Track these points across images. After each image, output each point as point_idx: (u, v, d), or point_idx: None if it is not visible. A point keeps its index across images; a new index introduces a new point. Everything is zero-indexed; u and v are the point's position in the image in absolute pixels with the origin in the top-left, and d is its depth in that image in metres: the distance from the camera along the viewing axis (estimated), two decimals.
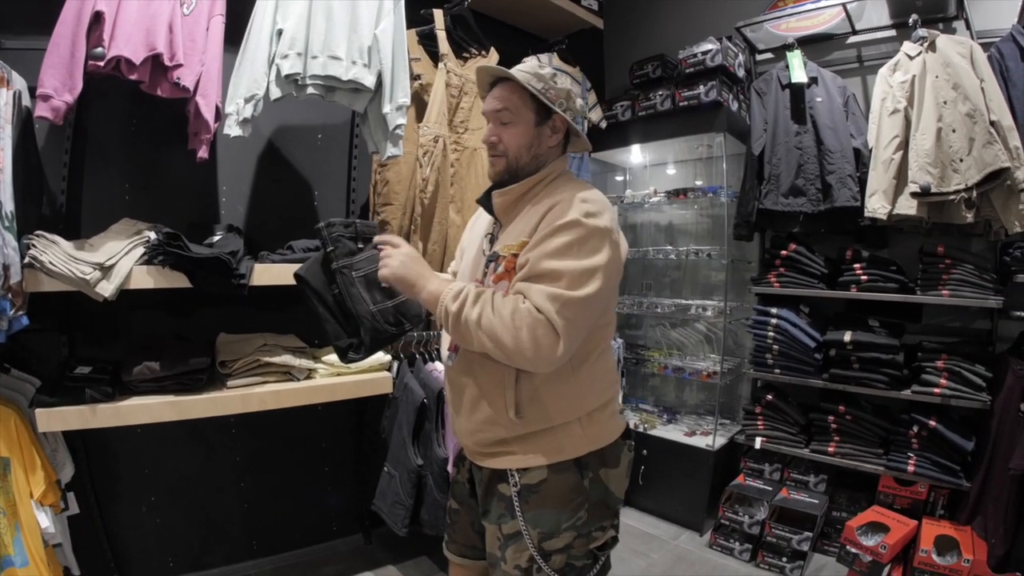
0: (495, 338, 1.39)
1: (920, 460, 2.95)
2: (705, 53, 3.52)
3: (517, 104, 1.60)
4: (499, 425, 1.55)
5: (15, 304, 1.90)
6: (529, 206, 1.58)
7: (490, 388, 1.56)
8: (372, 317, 1.83)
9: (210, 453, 2.92)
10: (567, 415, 1.56)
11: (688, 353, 4.06)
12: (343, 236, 1.90)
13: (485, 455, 1.63)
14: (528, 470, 1.56)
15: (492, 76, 1.66)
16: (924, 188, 2.82)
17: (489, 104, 1.64)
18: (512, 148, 1.61)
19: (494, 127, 1.62)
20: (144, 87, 2.20)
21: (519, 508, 1.56)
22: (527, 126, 1.61)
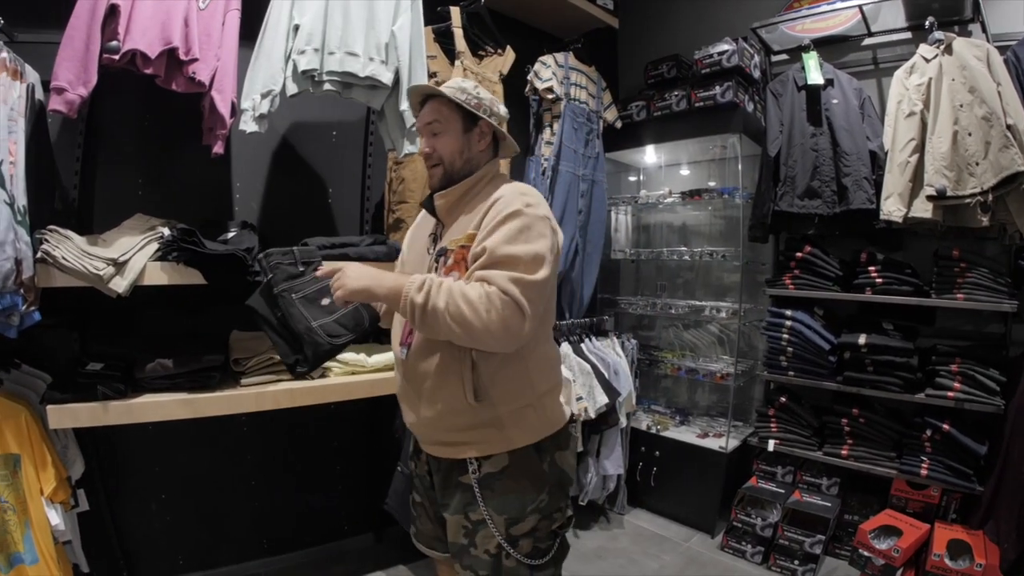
0: (464, 322, 1.43)
1: (933, 464, 2.91)
2: (721, 54, 3.48)
3: (446, 115, 1.73)
4: (459, 412, 1.61)
5: (27, 299, 1.88)
6: (466, 208, 1.71)
7: (448, 376, 1.60)
8: (311, 332, 1.98)
9: (221, 451, 2.90)
10: (521, 399, 1.64)
11: (701, 355, 4.04)
12: (281, 263, 2.03)
13: (444, 445, 1.69)
14: (489, 457, 1.63)
15: (421, 95, 1.79)
16: (940, 191, 2.80)
17: (421, 119, 1.77)
18: (446, 155, 1.72)
19: (427, 139, 1.74)
20: (159, 81, 2.17)
21: (480, 496, 1.62)
22: (456, 134, 1.73)
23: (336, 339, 2.01)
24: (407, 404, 1.75)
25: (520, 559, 1.63)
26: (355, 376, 2.55)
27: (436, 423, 1.66)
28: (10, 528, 2.01)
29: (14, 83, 1.92)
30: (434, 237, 1.77)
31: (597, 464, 3.51)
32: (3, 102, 1.85)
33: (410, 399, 1.72)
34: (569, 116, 3.48)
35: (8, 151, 1.84)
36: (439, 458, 1.72)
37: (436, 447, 1.72)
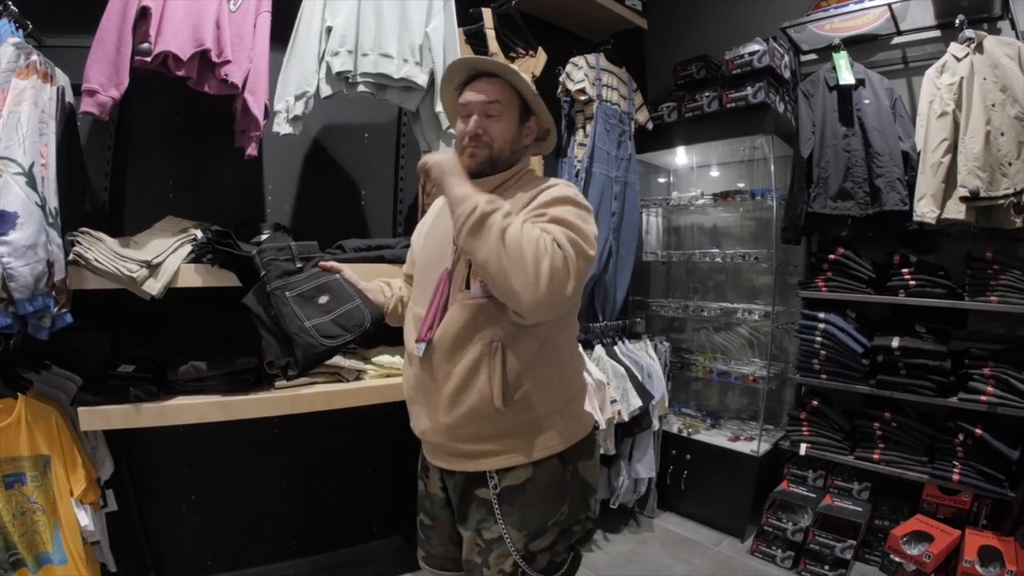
0: (516, 254, 1.30)
1: (965, 469, 2.85)
2: (752, 54, 3.45)
3: (507, 99, 1.61)
4: (484, 418, 1.49)
5: (59, 301, 1.85)
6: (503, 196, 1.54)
7: (475, 377, 1.48)
8: (302, 333, 1.83)
9: (252, 453, 2.87)
10: (550, 404, 1.54)
11: (732, 357, 4.00)
12: (276, 260, 1.92)
13: (461, 457, 1.56)
14: (510, 470, 1.52)
15: (477, 69, 1.65)
16: (973, 192, 2.73)
17: (476, 96, 1.60)
18: (498, 141, 1.60)
19: (480, 119, 1.59)
20: (192, 84, 2.15)
21: (499, 512, 1.52)
22: (513, 122, 1.63)
23: (332, 340, 1.85)
24: (421, 408, 1.61)
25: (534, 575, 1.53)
26: (390, 379, 2.51)
27: (455, 430, 1.53)
28: (39, 528, 1.99)
29: (45, 86, 1.88)
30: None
31: (629, 467, 3.47)
32: (34, 105, 1.81)
33: (426, 402, 1.58)
34: (601, 118, 3.43)
35: (40, 153, 1.81)
36: (454, 472, 1.60)
37: (452, 459, 1.59)
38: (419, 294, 1.68)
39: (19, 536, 1.96)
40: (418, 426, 1.65)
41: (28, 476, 1.95)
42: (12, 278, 1.67)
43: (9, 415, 1.91)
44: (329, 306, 1.87)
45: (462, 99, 1.63)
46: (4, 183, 1.68)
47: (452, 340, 1.50)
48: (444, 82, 1.72)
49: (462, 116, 1.64)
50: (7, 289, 1.69)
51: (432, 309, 1.54)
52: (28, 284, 1.70)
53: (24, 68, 1.82)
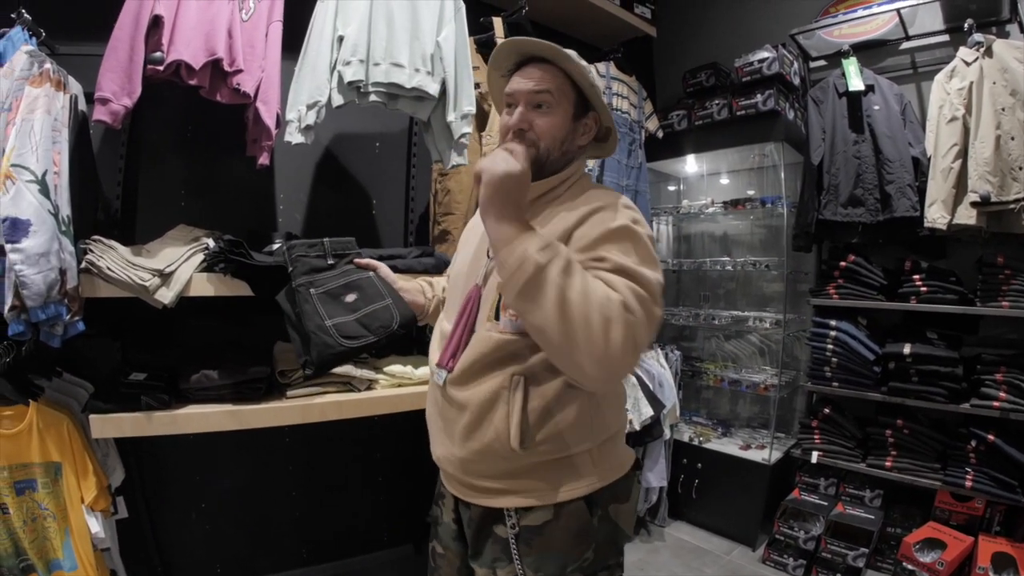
0: (580, 324, 1.06)
1: (978, 475, 2.83)
2: (762, 61, 3.45)
3: (561, 90, 1.37)
4: (498, 458, 1.31)
5: (71, 309, 1.83)
6: (550, 208, 1.37)
7: (491, 413, 1.30)
8: (319, 332, 1.73)
9: (263, 461, 2.85)
10: (582, 442, 1.33)
11: (742, 365, 3.99)
12: (305, 256, 1.83)
13: (476, 491, 1.39)
14: (529, 510, 1.34)
15: (527, 52, 1.41)
16: (984, 197, 2.73)
17: (523, 84, 1.36)
18: (546, 138, 1.35)
19: (526, 111, 1.35)
20: (204, 92, 2.14)
21: (517, 553, 1.34)
22: (566, 117, 1.38)
23: (352, 340, 1.73)
24: (439, 433, 1.43)
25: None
26: (402, 388, 2.49)
27: (468, 466, 1.36)
28: (50, 535, 1.98)
29: (58, 94, 1.88)
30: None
31: (640, 476, 3.41)
32: (47, 113, 1.81)
33: (444, 429, 1.41)
34: None
35: (52, 161, 1.80)
36: (470, 504, 1.42)
37: (467, 491, 1.41)
38: (449, 306, 1.52)
39: (30, 542, 1.95)
40: (435, 451, 1.48)
41: (39, 483, 1.94)
42: (25, 286, 1.67)
43: (21, 422, 1.90)
44: (355, 305, 1.79)
45: (508, 87, 1.39)
46: (17, 191, 1.68)
47: (470, 369, 1.33)
48: (491, 68, 1.49)
49: (508, 107, 1.40)
50: (20, 297, 1.68)
51: (457, 332, 1.37)
52: (41, 292, 1.69)
53: (37, 76, 1.82)
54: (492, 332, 1.30)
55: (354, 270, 1.78)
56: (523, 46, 1.40)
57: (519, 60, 1.43)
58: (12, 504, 1.91)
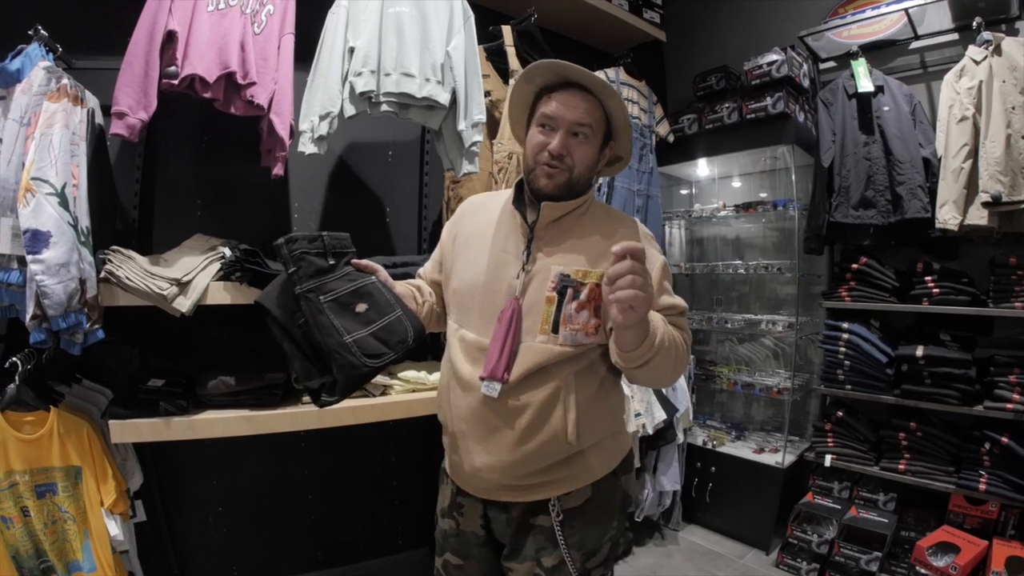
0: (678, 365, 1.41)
1: (992, 478, 2.81)
2: (771, 64, 3.45)
3: (598, 122, 1.49)
4: (553, 452, 1.44)
5: (91, 318, 1.90)
6: (579, 225, 1.52)
7: (550, 414, 1.42)
8: (343, 351, 1.47)
9: (279, 466, 2.89)
10: (610, 428, 1.55)
11: (756, 369, 3.98)
12: (308, 253, 1.54)
13: (519, 489, 1.49)
14: (570, 493, 1.49)
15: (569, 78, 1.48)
16: (995, 197, 2.72)
17: (569, 112, 1.45)
18: (580, 166, 1.47)
19: (565, 138, 1.45)
20: (218, 105, 2.19)
21: (562, 535, 1.46)
22: (596, 148, 1.51)
23: (375, 360, 1.51)
24: (478, 444, 1.48)
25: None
26: (416, 394, 2.53)
27: (520, 466, 1.45)
28: (70, 537, 2.03)
29: (75, 108, 1.93)
30: (528, 248, 1.49)
31: (654, 480, 3.47)
32: (65, 127, 1.86)
33: (486, 439, 1.47)
34: None
35: (71, 174, 1.85)
36: (509, 504, 1.51)
37: (508, 492, 1.50)
38: (472, 317, 1.53)
39: (50, 544, 2.00)
40: (470, 464, 1.51)
41: (60, 486, 1.99)
42: (46, 295, 1.72)
43: (42, 427, 1.94)
44: (368, 316, 1.54)
45: (550, 110, 1.46)
46: (37, 203, 1.73)
47: (527, 378, 1.43)
48: (522, 78, 1.53)
49: (539, 128, 1.49)
50: (41, 306, 1.73)
51: (505, 346, 1.42)
52: (61, 301, 1.74)
53: (55, 91, 1.87)
54: (550, 344, 1.42)
55: (355, 273, 1.57)
56: (569, 72, 1.46)
57: (557, 81, 1.49)
58: (33, 507, 1.95)
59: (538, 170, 1.48)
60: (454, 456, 1.57)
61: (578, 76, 1.45)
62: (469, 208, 1.74)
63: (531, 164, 1.50)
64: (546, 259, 1.46)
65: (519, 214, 1.53)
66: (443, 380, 1.62)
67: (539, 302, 1.43)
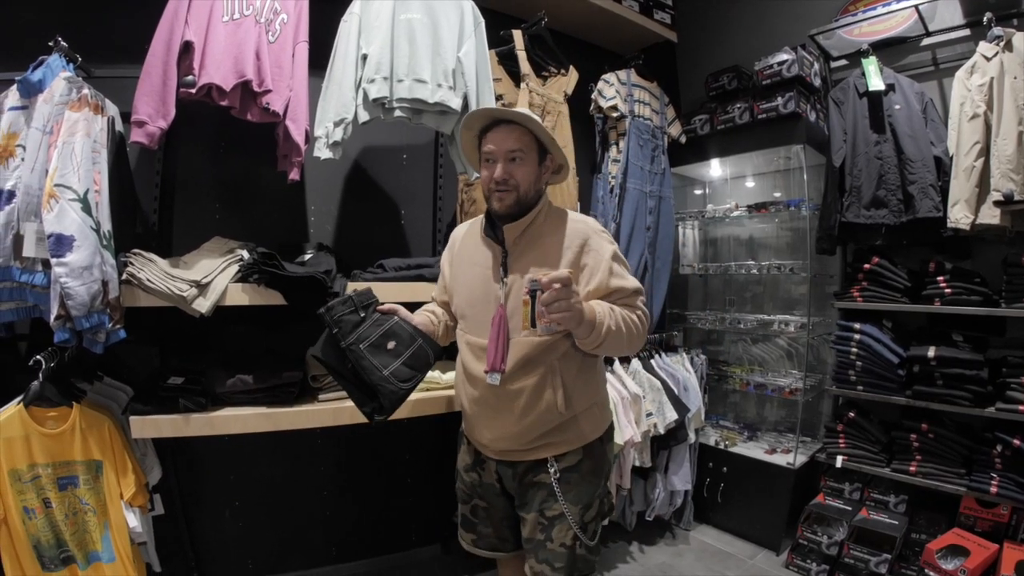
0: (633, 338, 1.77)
1: (1003, 481, 2.79)
2: (781, 64, 3.46)
3: (527, 144, 1.82)
4: (548, 421, 1.82)
5: (113, 318, 1.98)
6: (539, 236, 1.85)
7: (542, 392, 1.80)
8: (384, 383, 1.87)
9: (295, 462, 2.98)
10: (593, 399, 1.92)
11: (769, 369, 4.00)
12: (344, 315, 1.90)
13: (523, 451, 1.87)
14: (565, 455, 1.86)
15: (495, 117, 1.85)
16: (1007, 196, 2.71)
17: (503, 144, 1.81)
18: (523, 184, 1.82)
19: (505, 165, 1.79)
20: (235, 112, 2.28)
21: (559, 491, 1.83)
22: (534, 164, 1.84)
23: (408, 383, 1.91)
24: (487, 423, 1.89)
25: (587, 542, 1.85)
26: (430, 392, 2.61)
27: (523, 435, 1.84)
28: (90, 528, 2.11)
29: (96, 117, 2.02)
30: (504, 266, 1.85)
31: (665, 480, 3.50)
32: (87, 135, 1.95)
33: (494, 417, 1.87)
34: (634, 133, 3.49)
35: (93, 180, 1.94)
36: (514, 462, 1.90)
37: (515, 453, 1.88)
38: (473, 324, 1.92)
39: (71, 534, 2.08)
40: (482, 437, 1.93)
41: (81, 479, 2.07)
42: (70, 296, 1.81)
43: (64, 422, 2.03)
44: (397, 350, 1.92)
45: (485, 148, 1.84)
46: (61, 209, 1.82)
47: (520, 367, 1.80)
48: (463, 128, 1.91)
49: (485, 163, 1.85)
50: (65, 307, 1.83)
51: (498, 343, 1.79)
52: (84, 302, 1.83)
53: (76, 101, 1.96)
54: (532, 337, 1.77)
55: (381, 318, 1.91)
56: (492, 113, 1.86)
57: (489, 122, 1.86)
58: (55, 499, 2.04)
59: (492, 197, 1.84)
60: (471, 429, 1.99)
61: (503, 114, 1.85)
62: (457, 237, 2.09)
63: (486, 193, 1.87)
64: (518, 271, 1.82)
65: (491, 238, 1.90)
66: (458, 375, 2.01)
67: (519, 306, 1.76)
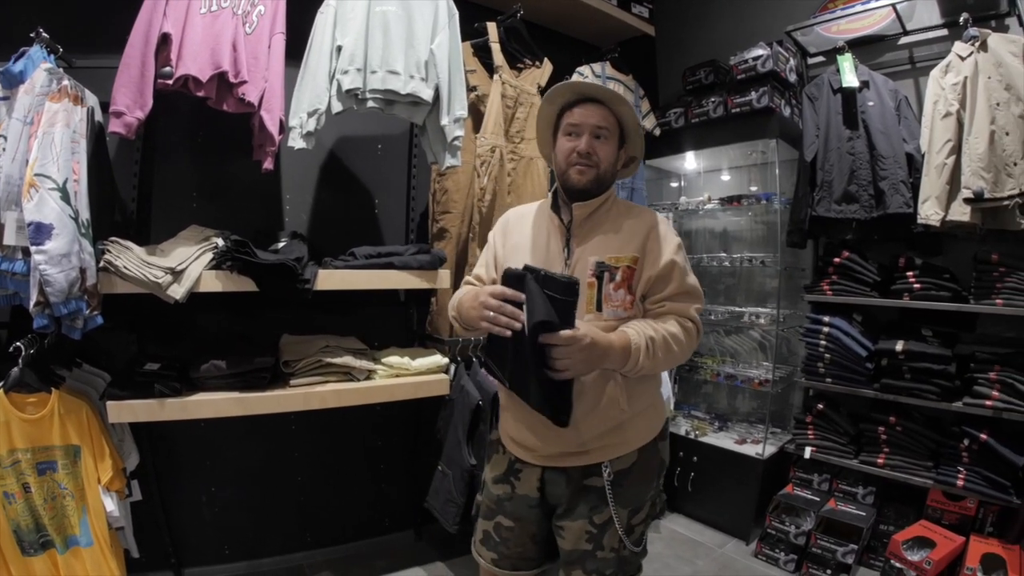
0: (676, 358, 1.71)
1: (970, 475, 2.89)
2: (756, 59, 3.53)
3: (612, 126, 1.79)
4: (609, 420, 1.73)
5: (91, 305, 2.06)
6: (607, 219, 1.80)
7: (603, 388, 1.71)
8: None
9: (270, 448, 3.06)
10: (652, 399, 1.85)
11: (741, 360, 4.06)
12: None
13: (577, 456, 1.76)
14: (620, 458, 1.76)
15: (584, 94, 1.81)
16: (977, 193, 2.77)
17: (590, 118, 1.76)
18: (604, 162, 1.77)
19: (590, 139, 1.75)
20: (211, 103, 2.35)
21: (611, 495, 1.73)
22: (615, 147, 1.81)
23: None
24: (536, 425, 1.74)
25: (632, 548, 1.78)
26: (399, 379, 2.71)
27: (580, 436, 1.73)
28: (68, 513, 2.20)
29: (76, 108, 2.09)
30: (567, 244, 1.80)
31: None
32: (66, 126, 2.02)
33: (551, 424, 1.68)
34: None
35: (72, 170, 2.01)
36: (566, 468, 1.79)
37: (567, 458, 1.77)
38: None
39: (49, 519, 2.17)
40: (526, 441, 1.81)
41: (59, 464, 2.16)
42: (48, 283, 1.89)
43: (43, 408, 2.11)
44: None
45: (572, 119, 1.79)
46: (41, 198, 1.90)
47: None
48: (545, 100, 1.86)
49: (567, 136, 1.80)
50: (44, 294, 1.91)
51: None
52: (63, 289, 1.92)
53: (56, 92, 2.03)
54: (597, 322, 1.69)
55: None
56: (584, 88, 1.82)
57: (575, 98, 1.82)
58: (34, 484, 2.12)
59: (570, 170, 1.78)
60: (516, 433, 1.86)
61: (592, 91, 1.81)
62: (513, 217, 2.03)
63: (563, 167, 1.80)
64: (583, 251, 1.76)
65: (557, 216, 1.84)
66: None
67: (583, 288, 1.66)
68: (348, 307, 2.93)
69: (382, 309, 3.24)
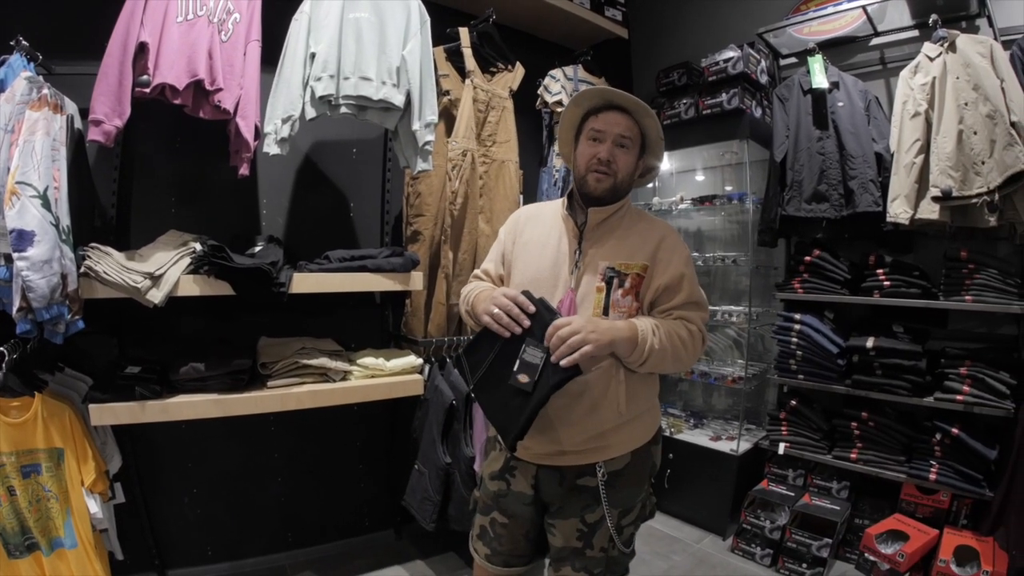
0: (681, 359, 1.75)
1: (943, 468, 2.99)
2: (727, 61, 3.64)
3: (636, 136, 1.85)
4: (607, 422, 1.77)
5: (72, 309, 2.12)
6: (620, 226, 1.86)
7: (604, 390, 1.75)
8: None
9: (250, 449, 3.14)
10: (648, 402, 1.90)
11: (716, 358, 4.14)
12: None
13: (573, 455, 1.80)
14: (614, 459, 1.81)
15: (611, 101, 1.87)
16: (945, 192, 2.87)
17: (614, 127, 1.82)
18: (623, 171, 1.83)
19: (612, 147, 1.81)
20: (187, 110, 2.44)
21: (604, 495, 1.78)
22: (635, 158, 1.87)
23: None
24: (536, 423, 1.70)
25: (621, 548, 1.84)
26: (374, 379, 2.81)
27: (578, 436, 1.77)
28: (52, 515, 2.26)
29: (55, 116, 2.15)
30: (579, 247, 1.85)
31: None
32: (47, 134, 2.07)
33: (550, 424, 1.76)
34: None
35: (53, 177, 2.07)
36: (561, 467, 1.83)
37: (564, 457, 1.81)
38: None
39: (34, 521, 2.23)
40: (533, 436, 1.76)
41: (43, 467, 2.22)
42: (31, 289, 1.95)
43: (27, 411, 2.16)
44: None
45: (597, 124, 1.84)
46: (22, 205, 1.96)
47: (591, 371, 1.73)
48: (572, 102, 1.92)
49: (591, 139, 1.85)
50: (26, 299, 1.98)
51: None
52: (44, 295, 1.98)
53: (36, 101, 2.09)
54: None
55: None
56: (612, 96, 1.86)
57: (602, 104, 1.88)
58: (19, 486, 2.18)
59: (589, 176, 1.83)
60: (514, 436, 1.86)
61: (620, 99, 1.85)
62: (524, 215, 2.10)
63: (583, 171, 1.86)
64: (594, 254, 1.82)
65: (571, 219, 1.90)
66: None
67: (590, 292, 1.78)
68: (325, 309, 3.02)
69: (358, 311, 3.31)
